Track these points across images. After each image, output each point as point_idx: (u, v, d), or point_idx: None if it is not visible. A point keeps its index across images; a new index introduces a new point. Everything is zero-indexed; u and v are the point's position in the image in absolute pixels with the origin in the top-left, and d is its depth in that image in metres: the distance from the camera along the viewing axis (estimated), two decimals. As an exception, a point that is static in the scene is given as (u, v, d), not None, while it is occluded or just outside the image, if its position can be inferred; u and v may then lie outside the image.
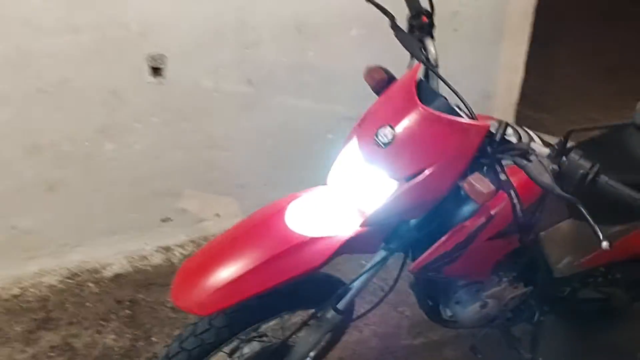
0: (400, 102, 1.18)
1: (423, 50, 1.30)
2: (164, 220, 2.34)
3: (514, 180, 1.15)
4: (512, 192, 1.17)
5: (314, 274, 1.22)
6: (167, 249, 2.32)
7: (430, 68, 1.26)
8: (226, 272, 1.19)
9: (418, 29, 1.33)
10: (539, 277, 1.50)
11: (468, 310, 1.47)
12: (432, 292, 1.54)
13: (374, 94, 1.30)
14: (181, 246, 2.35)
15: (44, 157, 2.03)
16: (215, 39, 2.12)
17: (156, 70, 2.07)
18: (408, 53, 1.28)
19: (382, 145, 1.14)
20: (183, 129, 2.21)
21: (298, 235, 1.21)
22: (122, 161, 2.16)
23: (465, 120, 1.13)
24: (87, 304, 2.02)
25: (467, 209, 1.24)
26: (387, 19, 1.34)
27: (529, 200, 1.25)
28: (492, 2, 2.53)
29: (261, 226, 1.26)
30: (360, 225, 1.20)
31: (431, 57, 1.30)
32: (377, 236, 1.26)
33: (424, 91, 1.18)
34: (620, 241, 1.51)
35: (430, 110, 1.13)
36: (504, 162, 1.15)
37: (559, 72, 3.64)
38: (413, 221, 1.27)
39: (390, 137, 1.14)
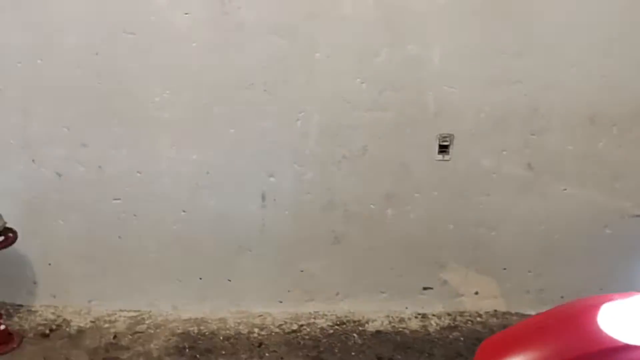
0: None
1: None
2: (425, 288, 2.44)
3: None
4: None
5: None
6: (425, 316, 2.41)
7: None
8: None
9: None
10: None
11: None
12: None
13: None
14: (438, 316, 2.41)
15: (336, 213, 2.32)
16: (502, 123, 2.21)
17: (443, 148, 2.23)
18: None
19: None
20: (458, 205, 2.32)
21: (612, 339, 1.17)
22: (398, 227, 2.34)
23: None
24: (352, 352, 2.20)
25: None
26: None
27: None
28: None
29: (572, 321, 1.25)
30: None
31: None
32: None
33: None
34: None
35: None
36: None
37: None
38: None
39: None
